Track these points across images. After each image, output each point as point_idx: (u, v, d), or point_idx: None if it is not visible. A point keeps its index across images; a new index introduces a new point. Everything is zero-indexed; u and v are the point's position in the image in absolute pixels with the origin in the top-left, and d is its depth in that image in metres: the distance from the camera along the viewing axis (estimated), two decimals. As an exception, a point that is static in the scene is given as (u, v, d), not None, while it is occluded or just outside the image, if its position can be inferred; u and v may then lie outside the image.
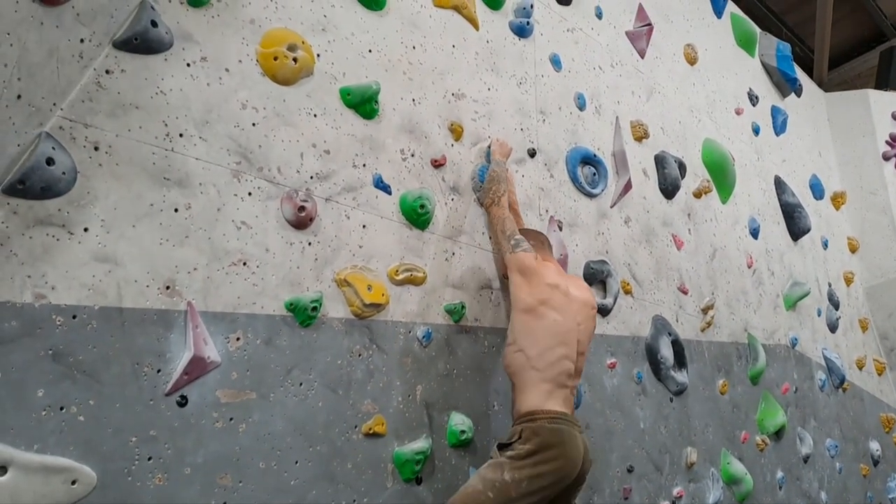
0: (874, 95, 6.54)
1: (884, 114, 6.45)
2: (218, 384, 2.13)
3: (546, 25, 3.64)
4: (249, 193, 2.32)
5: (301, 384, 2.32)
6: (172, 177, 2.13)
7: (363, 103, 2.68)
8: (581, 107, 3.72)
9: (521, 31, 3.45)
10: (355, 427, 2.44)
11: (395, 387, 2.59)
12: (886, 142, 6.34)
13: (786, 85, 5.70)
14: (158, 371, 2.01)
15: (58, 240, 1.88)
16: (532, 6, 3.50)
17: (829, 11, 6.73)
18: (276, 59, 2.43)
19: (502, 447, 2.49)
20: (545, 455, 2.42)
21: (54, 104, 1.88)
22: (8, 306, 1.77)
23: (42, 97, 1.81)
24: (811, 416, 5.05)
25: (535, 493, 2.39)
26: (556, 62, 3.64)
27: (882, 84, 6.91)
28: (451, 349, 2.81)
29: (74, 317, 1.88)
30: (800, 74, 6.00)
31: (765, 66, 5.64)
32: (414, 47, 2.95)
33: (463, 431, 2.72)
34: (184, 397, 2.05)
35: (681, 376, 3.89)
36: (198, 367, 2.07)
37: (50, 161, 1.84)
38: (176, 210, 2.13)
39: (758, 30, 5.65)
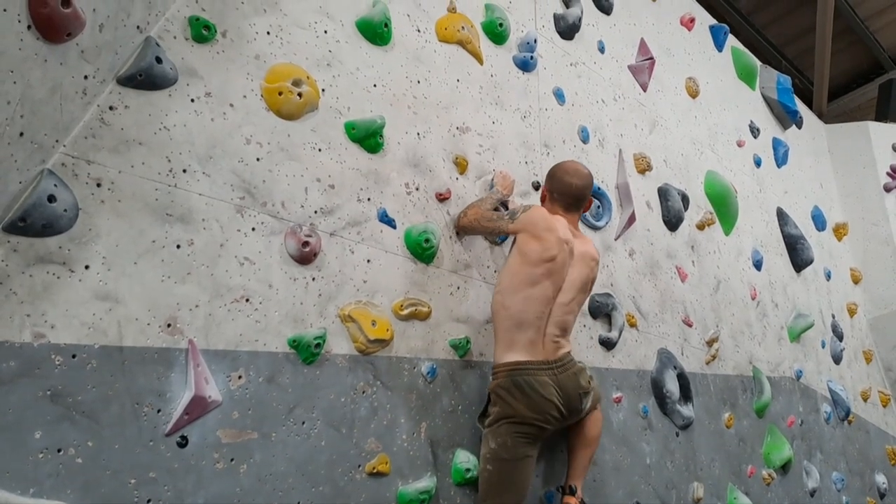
0: (874, 127, 6.57)
1: (884, 145, 6.48)
2: (219, 424, 2.08)
3: (549, 60, 3.65)
4: (253, 229, 2.29)
5: (304, 423, 2.28)
6: (175, 213, 2.11)
7: (368, 137, 2.67)
8: (584, 140, 3.72)
9: (525, 65, 3.46)
10: (359, 466, 2.39)
11: (400, 424, 2.54)
12: (887, 173, 6.35)
13: (786, 117, 5.72)
14: (159, 411, 1.97)
15: (58, 278, 1.85)
16: (536, 41, 3.52)
17: (828, 44, 6.78)
18: (280, 94, 2.42)
19: (481, 418, 2.72)
20: (515, 412, 2.59)
21: (57, 141, 1.86)
22: (6, 346, 1.73)
23: (45, 134, 1.79)
24: (817, 449, 4.98)
25: (524, 444, 2.59)
26: (559, 96, 3.64)
27: (882, 116, 6.94)
28: (456, 385, 2.77)
29: (74, 356, 1.84)
30: (800, 106, 6.02)
31: (765, 98, 5.67)
32: (419, 81, 2.95)
33: (468, 469, 2.67)
34: (184, 438, 2.01)
35: (687, 410, 3.83)
36: (199, 407, 2.03)
37: (52, 198, 1.82)
38: (178, 246, 2.10)
39: (758, 63, 5.68)
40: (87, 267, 1.90)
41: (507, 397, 2.61)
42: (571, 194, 2.89)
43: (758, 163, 5.32)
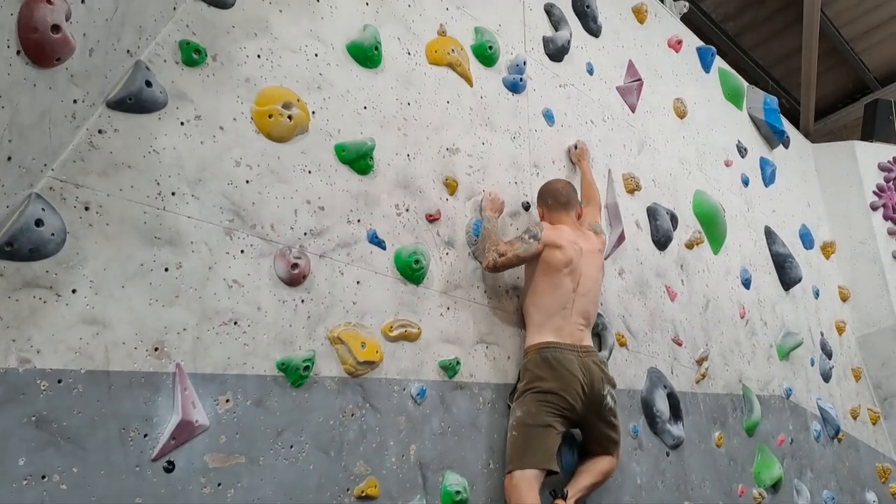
0: (860, 147, 6.63)
1: (870, 164, 6.54)
2: (206, 448, 2.07)
3: (539, 81, 3.68)
4: (242, 251, 2.29)
5: (292, 446, 2.26)
6: (164, 236, 2.11)
7: (358, 159, 2.68)
8: (573, 161, 3.74)
9: (515, 86, 3.49)
10: (347, 490, 2.37)
11: (389, 447, 2.53)
12: (874, 192, 6.40)
13: (774, 137, 5.77)
14: (145, 436, 1.96)
15: (45, 302, 1.84)
16: (525, 63, 3.55)
17: (814, 65, 6.86)
18: (270, 116, 2.43)
19: (511, 396, 2.95)
20: (542, 384, 2.85)
21: (45, 165, 1.86)
22: (-9, 372, 1.72)
23: (33, 158, 1.79)
24: (807, 467, 4.98)
25: (548, 413, 2.80)
26: (548, 117, 3.67)
27: (867, 135, 7.00)
28: (445, 406, 2.76)
29: (60, 381, 1.83)
30: (787, 126, 6.08)
31: (753, 118, 5.72)
32: (409, 104, 2.97)
33: (458, 492, 2.65)
34: (171, 463, 1.99)
35: (677, 430, 3.83)
36: (185, 432, 2.01)
37: (39, 222, 1.81)
38: (166, 269, 2.10)
39: (745, 83, 5.74)
40: (74, 291, 1.90)
41: (534, 370, 2.89)
42: (560, 192, 3.24)
43: (745, 182, 5.36)
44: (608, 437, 3.07)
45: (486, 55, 3.37)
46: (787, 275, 5.38)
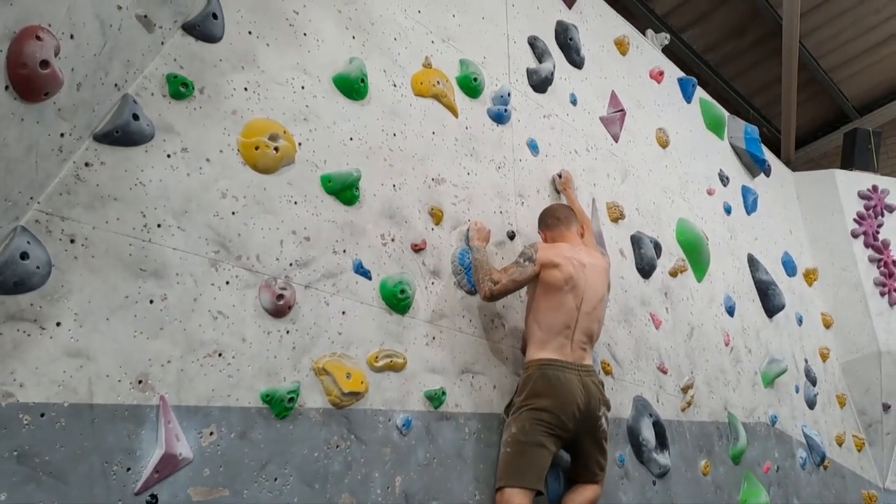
0: (840, 175, 6.73)
1: (850, 192, 6.63)
2: (190, 482, 2.05)
3: (523, 112, 3.73)
4: (227, 282, 2.29)
5: (276, 479, 2.25)
6: (149, 268, 2.11)
7: (344, 190, 2.70)
8: (558, 190, 3.78)
9: (499, 117, 3.53)
10: (332, 523, 2.36)
11: (374, 479, 2.52)
12: (854, 220, 6.49)
13: (755, 166, 5.85)
14: (128, 469, 1.94)
15: (29, 335, 1.83)
16: (509, 94, 3.60)
17: (794, 94, 6.99)
18: (257, 148, 2.45)
19: (507, 409, 3.00)
20: (538, 401, 2.86)
21: (31, 198, 1.86)
22: (-28, 406, 1.70)
23: (19, 192, 1.80)
24: (794, 495, 4.98)
25: (542, 433, 2.82)
26: (533, 147, 3.71)
27: (847, 164, 7.11)
28: (431, 437, 2.76)
29: (42, 415, 1.82)
30: (768, 155, 6.17)
31: (734, 148, 5.80)
32: (394, 134, 3.00)
33: (443, 524, 2.64)
34: (154, 496, 1.98)
35: (663, 458, 3.83)
36: (169, 465, 2.00)
37: (24, 255, 1.81)
38: (151, 301, 2.10)
39: (726, 113, 5.83)
40: (58, 324, 1.89)
41: (533, 385, 2.89)
42: (558, 210, 3.37)
43: (728, 210, 5.43)
44: (597, 461, 3.08)
45: (470, 87, 3.42)
46: (770, 302, 5.43)
